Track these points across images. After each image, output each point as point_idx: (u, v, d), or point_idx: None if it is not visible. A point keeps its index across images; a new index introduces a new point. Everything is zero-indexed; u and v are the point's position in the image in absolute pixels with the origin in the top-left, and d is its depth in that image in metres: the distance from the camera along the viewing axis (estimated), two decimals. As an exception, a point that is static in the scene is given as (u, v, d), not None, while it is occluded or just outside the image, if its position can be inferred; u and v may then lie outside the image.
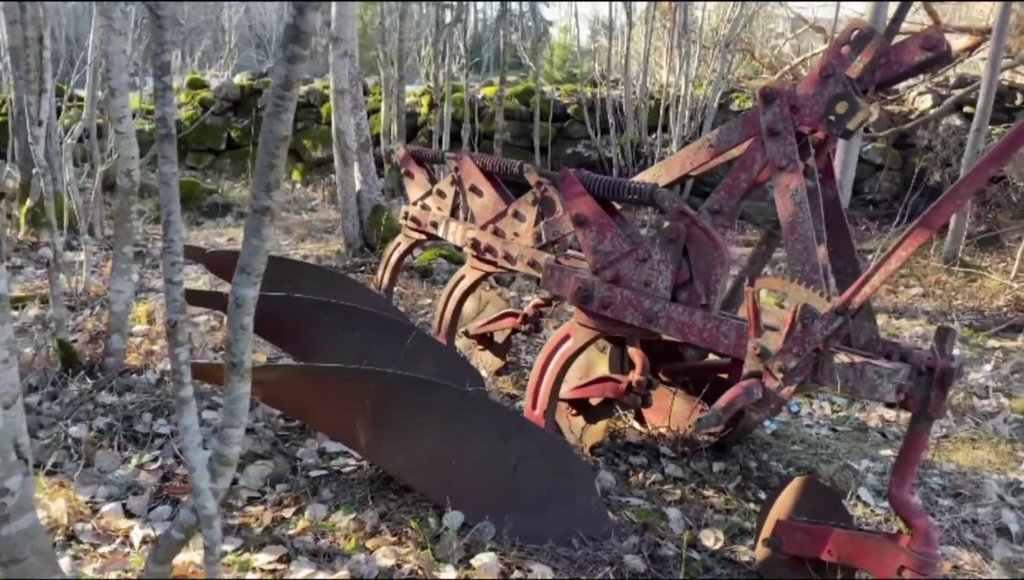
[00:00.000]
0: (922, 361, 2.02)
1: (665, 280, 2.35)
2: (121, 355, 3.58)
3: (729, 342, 2.20)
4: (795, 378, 2.01)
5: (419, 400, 2.60)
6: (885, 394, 1.95)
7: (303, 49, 1.15)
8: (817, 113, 2.23)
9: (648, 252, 2.38)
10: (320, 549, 2.43)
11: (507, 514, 2.53)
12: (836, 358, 2.02)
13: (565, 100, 9.84)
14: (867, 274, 1.91)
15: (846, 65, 2.21)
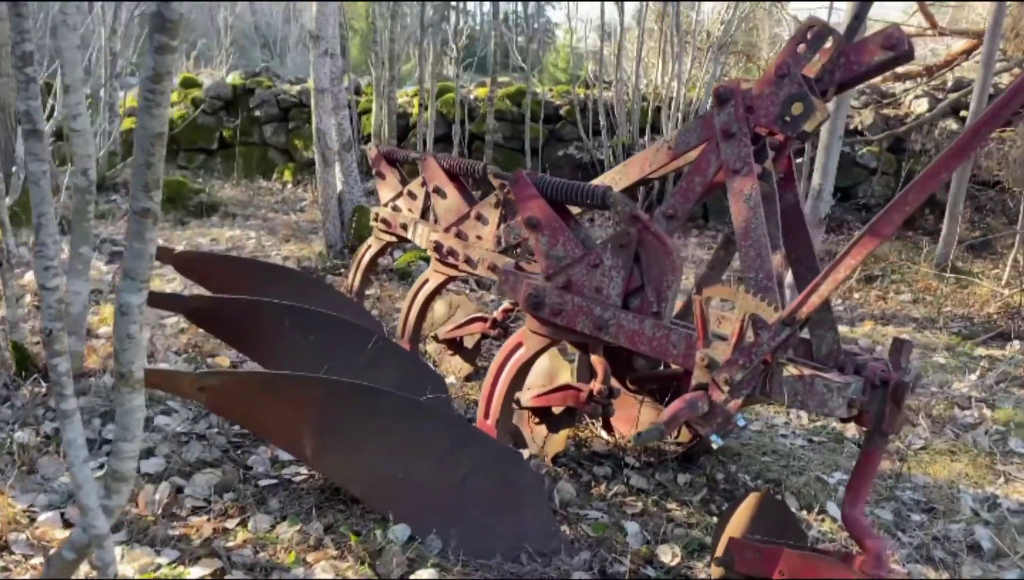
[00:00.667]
0: (875, 374, 1.93)
1: (616, 287, 2.26)
2: (78, 358, 3.50)
3: (678, 352, 2.11)
4: (742, 391, 1.92)
5: (365, 408, 2.52)
6: (835, 409, 1.87)
7: (171, 39, 1.06)
8: (772, 114, 2.15)
9: (600, 258, 2.29)
10: (258, 563, 2.34)
11: (454, 528, 2.44)
12: (785, 370, 1.93)
13: (558, 101, 9.75)
14: (814, 283, 1.82)
15: (802, 64, 2.12)
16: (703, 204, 9.36)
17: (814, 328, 2.39)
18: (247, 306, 3.46)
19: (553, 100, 9.83)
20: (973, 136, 1.62)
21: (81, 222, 3.41)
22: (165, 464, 2.85)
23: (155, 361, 3.75)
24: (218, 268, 4.23)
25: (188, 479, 2.77)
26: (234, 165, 10.62)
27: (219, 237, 7.26)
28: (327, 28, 5.71)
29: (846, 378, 1.91)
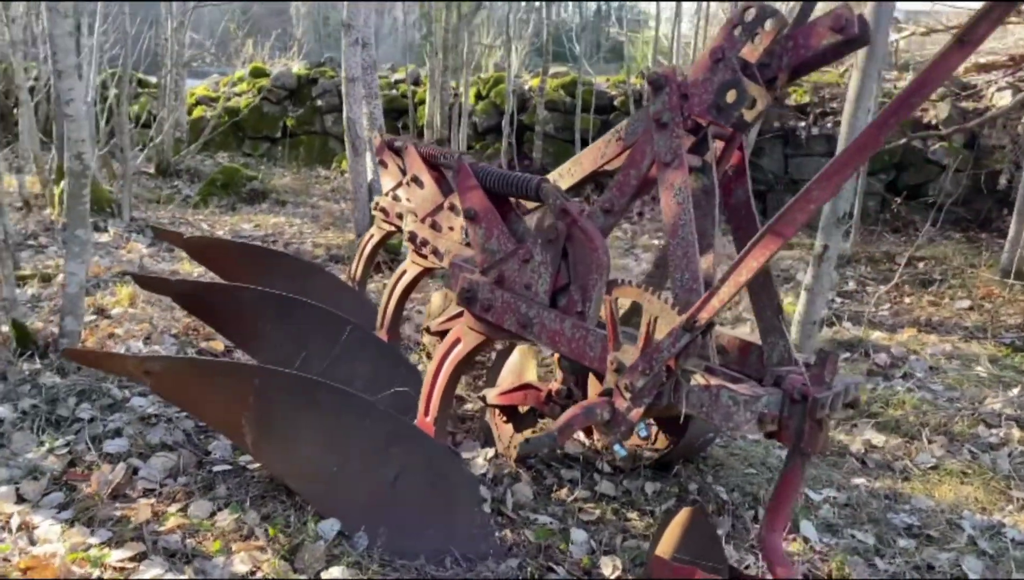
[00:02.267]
0: (794, 388, 1.76)
1: (544, 283, 2.15)
2: (75, 337, 3.60)
3: (594, 355, 1.99)
4: (643, 399, 1.78)
5: (303, 400, 2.48)
6: (741, 423, 1.71)
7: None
8: (706, 101, 1.99)
9: (530, 253, 2.18)
10: (182, 549, 2.34)
11: (383, 526, 2.38)
12: (693, 379, 1.78)
13: (612, 92, 9.54)
14: (715, 286, 1.67)
15: (737, 48, 1.95)
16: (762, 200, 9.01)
17: (766, 335, 2.22)
18: (228, 292, 3.49)
19: (608, 90, 9.63)
20: (880, 128, 1.44)
21: (76, 205, 3.50)
22: (128, 445, 2.89)
23: (151, 342, 3.82)
24: (225, 253, 4.29)
25: (145, 461, 2.80)
26: (295, 153, 10.84)
27: (263, 223, 7.41)
28: (358, 17, 5.72)
29: (756, 390, 1.75)
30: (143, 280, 3.62)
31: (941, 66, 1.38)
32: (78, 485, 2.69)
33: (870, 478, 3.24)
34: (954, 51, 1.37)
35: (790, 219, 1.56)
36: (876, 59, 3.61)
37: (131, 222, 6.77)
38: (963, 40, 1.35)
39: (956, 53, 1.37)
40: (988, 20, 1.33)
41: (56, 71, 3.30)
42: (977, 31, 1.35)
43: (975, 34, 1.35)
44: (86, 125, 3.40)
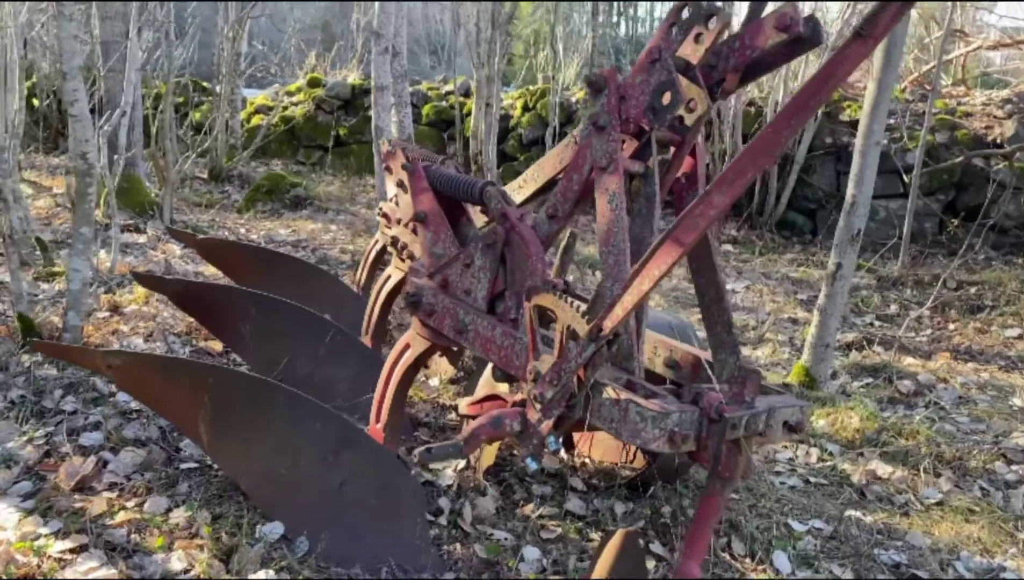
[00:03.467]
0: (712, 406, 1.65)
1: (483, 289, 2.09)
2: (77, 331, 3.69)
3: (520, 364, 1.91)
4: (552, 411, 1.70)
5: (256, 401, 2.47)
6: (649, 441, 1.61)
7: None
8: (642, 104, 1.90)
9: (471, 257, 2.12)
10: (124, 544, 2.35)
11: (325, 532, 2.35)
12: (604, 392, 1.69)
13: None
14: (616, 295, 1.58)
15: (673, 48, 1.86)
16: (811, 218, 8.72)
17: (716, 351, 2.11)
18: (219, 292, 3.53)
19: (656, 104, 9.49)
20: (778, 130, 1.34)
21: (82, 204, 3.59)
22: (102, 439, 2.93)
23: (152, 340, 3.89)
24: (235, 255, 4.36)
25: (115, 455, 2.84)
26: (345, 162, 11.02)
27: (300, 229, 7.53)
28: (388, 26, 5.77)
29: (666, 407, 1.64)
30: (142, 278, 3.70)
31: (840, 63, 1.27)
32: (48, 475, 2.74)
33: (865, 511, 3.05)
34: (854, 46, 1.26)
35: (690, 225, 1.47)
36: (892, 68, 3.43)
37: (171, 224, 6.96)
38: (861, 34, 1.24)
39: (856, 48, 1.26)
40: (887, 13, 1.22)
41: (62, 73, 3.40)
42: (877, 24, 1.24)
43: (875, 27, 1.24)
44: (90, 126, 3.50)
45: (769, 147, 1.38)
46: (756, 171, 1.42)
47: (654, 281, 1.53)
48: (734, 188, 1.42)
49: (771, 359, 4.69)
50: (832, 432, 3.67)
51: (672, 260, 1.50)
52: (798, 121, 1.36)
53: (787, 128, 1.35)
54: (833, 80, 1.30)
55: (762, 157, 1.39)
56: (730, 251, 7.82)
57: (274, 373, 3.46)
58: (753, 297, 6.14)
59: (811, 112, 1.37)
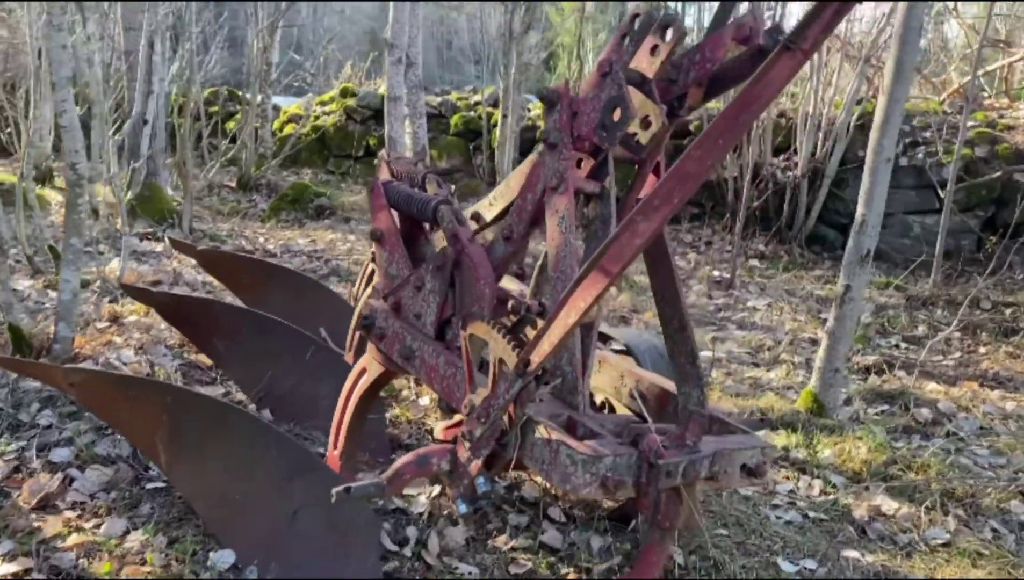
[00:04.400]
0: (651, 450, 1.52)
1: (432, 314, 1.98)
2: (68, 342, 3.67)
3: (460, 396, 1.79)
4: (481, 450, 1.58)
5: (213, 423, 2.40)
6: (580, 486, 1.49)
7: None
8: (593, 120, 1.77)
9: (422, 280, 2.02)
10: (69, 570, 2.29)
11: (275, 562, 2.26)
12: (537, 431, 1.57)
13: (689, 117, 9.19)
14: (542, 328, 1.45)
15: (625, 60, 1.73)
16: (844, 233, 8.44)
17: (680, 384, 1.96)
18: (203, 306, 3.49)
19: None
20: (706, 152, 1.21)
21: (71, 215, 3.58)
22: (71, 456, 2.89)
23: (144, 353, 3.86)
24: (234, 267, 4.32)
25: (82, 472, 2.79)
26: (374, 172, 11.02)
27: (319, 238, 7.51)
28: (402, 36, 5.71)
29: (599, 450, 1.51)
30: (131, 289, 3.68)
31: (769, 79, 1.14)
32: (12, 492, 2.70)
33: (865, 551, 2.86)
34: (783, 60, 1.13)
35: (616, 255, 1.34)
36: (904, 81, 3.24)
37: (191, 233, 7.00)
38: (790, 47, 1.11)
39: (785, 62, 1.13)
40: (818, 23, 1.09)
41: (51, 83, 3.39)
42: (806, 36, 1.11)
43: (804, 40, 1.11)
44: (79, 136, 3.48)
45: (697, 170, 1.25)
46: (684, 195, 1.30)
47: (580, 314, 1.40)
48: (660, 214, 1.30)
49: (784, 382, 4.49)
50: (838, 463, 3.48)
51: (598, 291, 1.38)
52: (726, 141, 1.23)
53: (715, 149, 1.22)
54: (761, 98, 1.17)
55: (690, 181, 1.26)
56: (756, 266, 7.60)
57: (256, 388, 3.40)
58: (774, 315, 5.93)
59: (740, 131, 1.24)
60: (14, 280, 5.21)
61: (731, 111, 1.18)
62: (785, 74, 1.14)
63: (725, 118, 1.19)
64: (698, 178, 1.26)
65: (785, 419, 3.79)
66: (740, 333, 5.44)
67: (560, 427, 1.63)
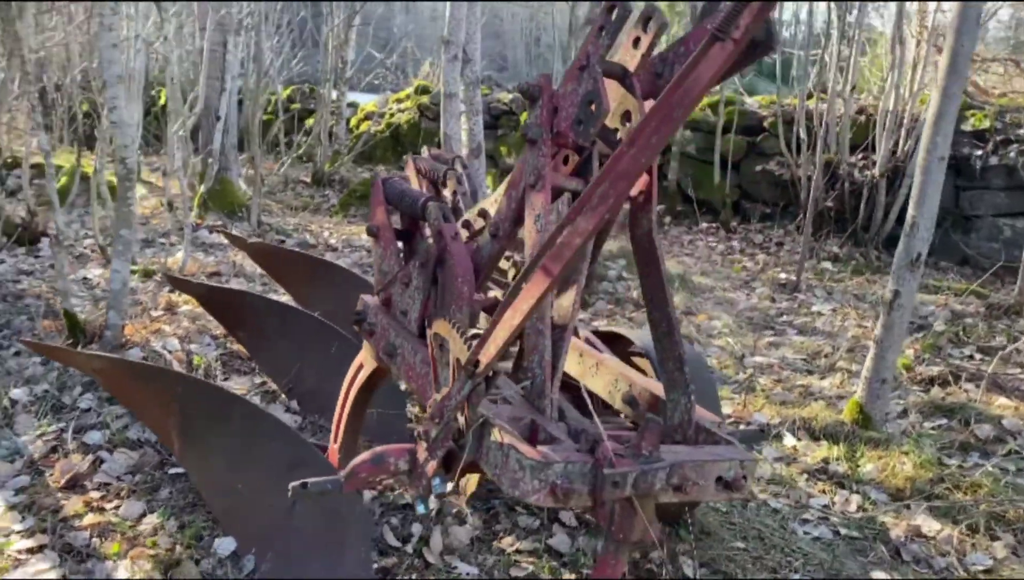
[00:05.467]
0: (606, 458, 1.46)
1: (416, 311, 1.96)
2: (117, 330, 3.83)
3: (430, 394, 1.77)
4: (436, 450, 1.55)
5: (220, 413, 2.45)
6: (528, 493, 1.44)
7: None
8: (571, 115, 1.71)
9: (409, 276, 2.01)
10: (81, 548, 2.38)
11: (271, 552, 2.29)
12: (493, 434, 1.53)
13: (764, 112, 8.89)
14: (488, 330, 1.41)
15: (602, 53, 1.66)
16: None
17: (668, 390, 1.89)
18: (239, 297, 3.57)
19: (759, 111, 9.00)
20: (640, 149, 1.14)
21: (122, 207, 3.72)
22: (104, 438, 3.00)
23: (186, 343, 3.98)
24: (281, 260, 4.43)
25: (110, 455, 2.90)
26: (445, 167, 11.12)
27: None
28: (458, 33, 5.72)
29: (550, 456, 1.46)
30: (174, 280, 3.80)
31: (699, 71, 1.07)
32: (46, 471, 2.83)
33: (896, 572, 2.70)
34: (713, 51, 1.06)
35: (556, 255, 1.29)
36: (959, 76, 3.03)
37: (259, 226, 7.20)
38: (719, 37, 1.04)
39: (715, 53, 1.06)
40: (748, 12, 1.01)
41: (102, 81, 3.53)
42: (736, 25, 1.03)
43: (734, 29, 1.03)
44: (128, 132, 3.61)
45: (631, 168, 1.18)
46: (620, 194, 1.23)
47: (524, 315, 1.36)
48: (597, 214, 1.24)
49: (837, 391, 4.29)
50: (880, 478, 3.30)
51: (541, 291, 1.33)
52: (659, 138, 1.16)
53: (648, 147, 1.16)
54: (693, 91, 1.09)
55: (625, 179, 1.20)
56: (827, 269, 7.29)
57: (285, 379, 3.47)
58: (837, 321, 5.67)
59: (674, 127, 1.17)
60: (86, 269, 5.49)
61: (662, 106, 1.11)
62: (716, 66, 1.06)
63: (657, 114, 1.12)
64: (633, 175, 1.20)
65: (828, 430, 3.62)
66: (798, 338, 5.22)
67: (523, 431, 1.58)
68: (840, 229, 8.04)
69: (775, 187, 8.55)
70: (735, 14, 1.02)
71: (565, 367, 2.31)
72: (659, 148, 1.20)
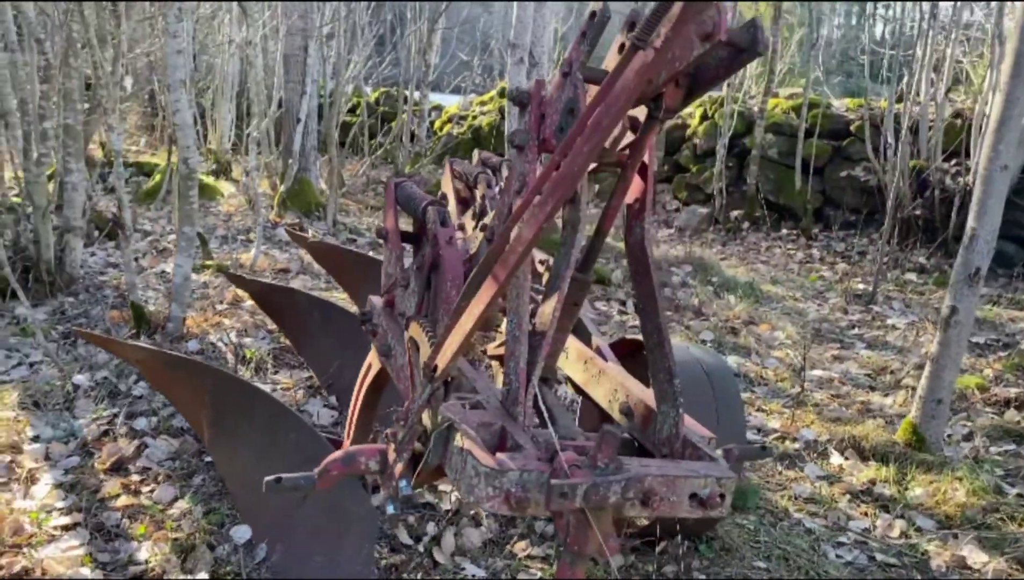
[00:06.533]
0: (562, 468, 1.44)
1: (411, 313, 1.99)
2: (179, 322, 4.02)
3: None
4: (403, 452, 1.57)
5: (244, 407, 2.54)
6: (482, 499, 1.44)
7: None
8: (555, 122, 1.70)
9: (408, 279, 2.04)
10: (111, 528, 2.51)
11: (281, 544, 2.37)
12: (456, 438, 1.54)
13: (852, 115, 8.53)
14: (442, 335, 1.42)
15: (583, 59, 1.64)
16: None
17: (659, 402, 1.86)
18: (286, 295, 3.69)
19: (846, 114, 8.65)
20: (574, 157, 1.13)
21: (184, 205, 3.91)
22: (151, 425, 3.17)
23: (244, 335, 4.15)
24: (337, 257, 4.54)
25: (155, 441, 3.05)
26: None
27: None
28: (524, 36, 5.75)
29: (506, 463, 1.45)
30: (231, 276, 3.96)
31: (624, 78, 1.05)
32: (95, 453, 3.00)
33: (930, 605, 2.56)
34: (636, 59, 1.04)
35: (504, 261, 1.28)
36: (1023, 79, 2.85)
37: (334, 225, 7.42)
38: (639, 45, 1.02)
39: (637, 60, 1.03)
40: (667, 20, 0.99)
41: (166, 84, 3.72)
42: (658, 32, 1.01)
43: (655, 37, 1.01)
44: (191, 133, 3.79)
45: (565, 177, 1.17)
46: (557, 201, 1.21)
47: (476, 319, 1.35)
48: (536, 221, 1.23)
49: (898, 410, 4.08)
50: (929, 504, 3.12)
51: (490, 297, 1.32)
52: (592, 147, 1.13)
53: (581, 156, 1.14)
54: (620, 98, 1.07)
55: (560, 188, 1.18)
56: (911, 280, 6.95)
57: (325, 376, 3.56)
58: (911, 335, 5.40)
59: (605, 134, 1.14)
60: (167, 262, 5.78)
61: (590, 112, 1.10)
62: (640, 75, 1.03)
63: (586, 121, 1.10)
64: (572, 179, 1.18)
65: (878, 450, 3.45)
66: (866, 352, 5.00)
67: (493, 437, 1.58)
68: (929, 239, 7.65)
69: (860, 193, 8.20)
70: (654, 23, 1.00)
71: (571, 374, 2.30)
72: (592, 156, 1.18)
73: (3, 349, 3.86)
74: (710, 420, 2.56)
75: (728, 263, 7.26)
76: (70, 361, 3.69)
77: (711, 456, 1.71)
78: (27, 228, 4.46)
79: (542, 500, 1.45)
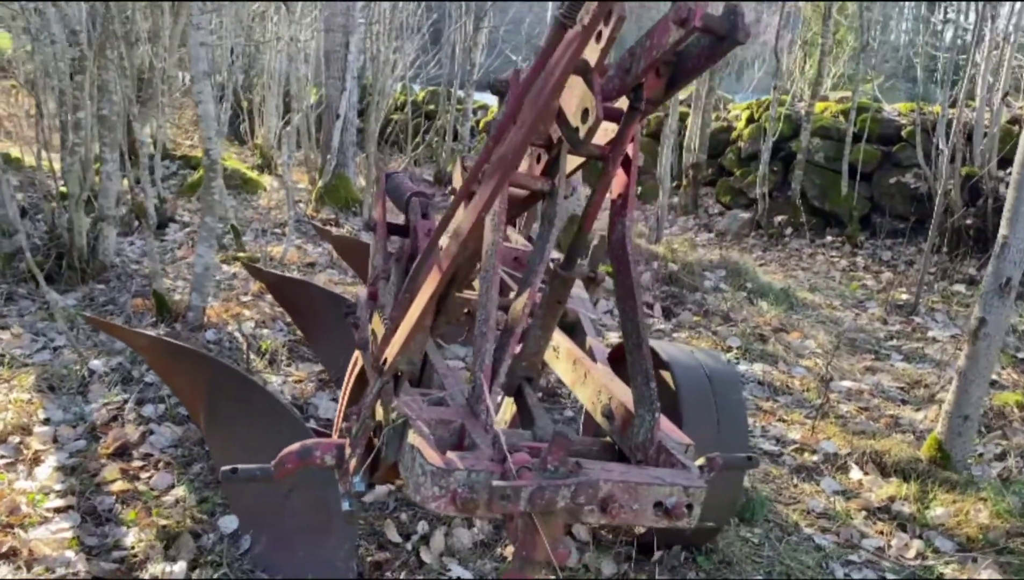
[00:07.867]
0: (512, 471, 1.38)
1: (390, 305, 1.95)
2: (199, 311, 4.06)
3: (383, 393, 1.75)
4: (356, 447, 1.53)
5: (240, 397, 2.54)
6: (428, 499, 1.38)
7: None
8: (533, 113, 1.63)
9: (389, 272, 2.00)
10: (103, 512, 2.53)
11: (265, 535, 2.35)
12: (409, 435, 1.49)
13: (903, 120, 8.23)
14: (389, 329, 1.37)
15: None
16: None
17: (636, 406, 1.78)
18: (299, 287, 3.70)
19: (897, 118, 8.36)
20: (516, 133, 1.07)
21: (207, 196, 3.95)
22: (158, 412, 3.19)
23: (261, 327, 4.17)
24: (358, 252, 4.55)
25: (160, 428, 3.08)
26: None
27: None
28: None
29: (454, 463, 1.39)
30: (250, 267, 3.99)
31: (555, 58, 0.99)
32: (102, 437, 3.04)
33: (939, 632, 2.43)
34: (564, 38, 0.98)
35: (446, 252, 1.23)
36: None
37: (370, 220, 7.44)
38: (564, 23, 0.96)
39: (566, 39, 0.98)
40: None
41: (191, 76, 3.75)
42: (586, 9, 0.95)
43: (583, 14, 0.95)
44: (214, 125, 3.82)
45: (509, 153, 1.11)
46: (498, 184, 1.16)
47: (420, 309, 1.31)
48: (476, 207, 1.17)
49: (929, 425, 3.91)
50: (950, 525, 2.97)
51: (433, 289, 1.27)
52: (529, 127, 1.07)
53: (519, 135, 1.08)
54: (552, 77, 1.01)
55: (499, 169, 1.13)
56: (958, 292, 6.67)
57: (334, 370, 3.56)
58: (951, 349, 5.17)
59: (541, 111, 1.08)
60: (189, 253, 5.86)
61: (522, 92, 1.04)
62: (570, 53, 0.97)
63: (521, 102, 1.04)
64: (512, 164, 1.13)
65: (900, 466, 3.30)
66: (901, 365, 4.81)
67: (451, 435, 1.53)
68: (980, 249, 7.34)
69: (910, 201, 7.91)
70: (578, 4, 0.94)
71: (561, 374, 2.23)
72: (532, 134, 1.12)
73: (30, 333, 3.94)
74: (710, 426, 2.47)
75: (766, 269, 7.08)
76: (90, 346, 3.75)
77: (684, 464, 1.63)
78: (62, 216, 4.56)
79: (470, 500, 1.39)
